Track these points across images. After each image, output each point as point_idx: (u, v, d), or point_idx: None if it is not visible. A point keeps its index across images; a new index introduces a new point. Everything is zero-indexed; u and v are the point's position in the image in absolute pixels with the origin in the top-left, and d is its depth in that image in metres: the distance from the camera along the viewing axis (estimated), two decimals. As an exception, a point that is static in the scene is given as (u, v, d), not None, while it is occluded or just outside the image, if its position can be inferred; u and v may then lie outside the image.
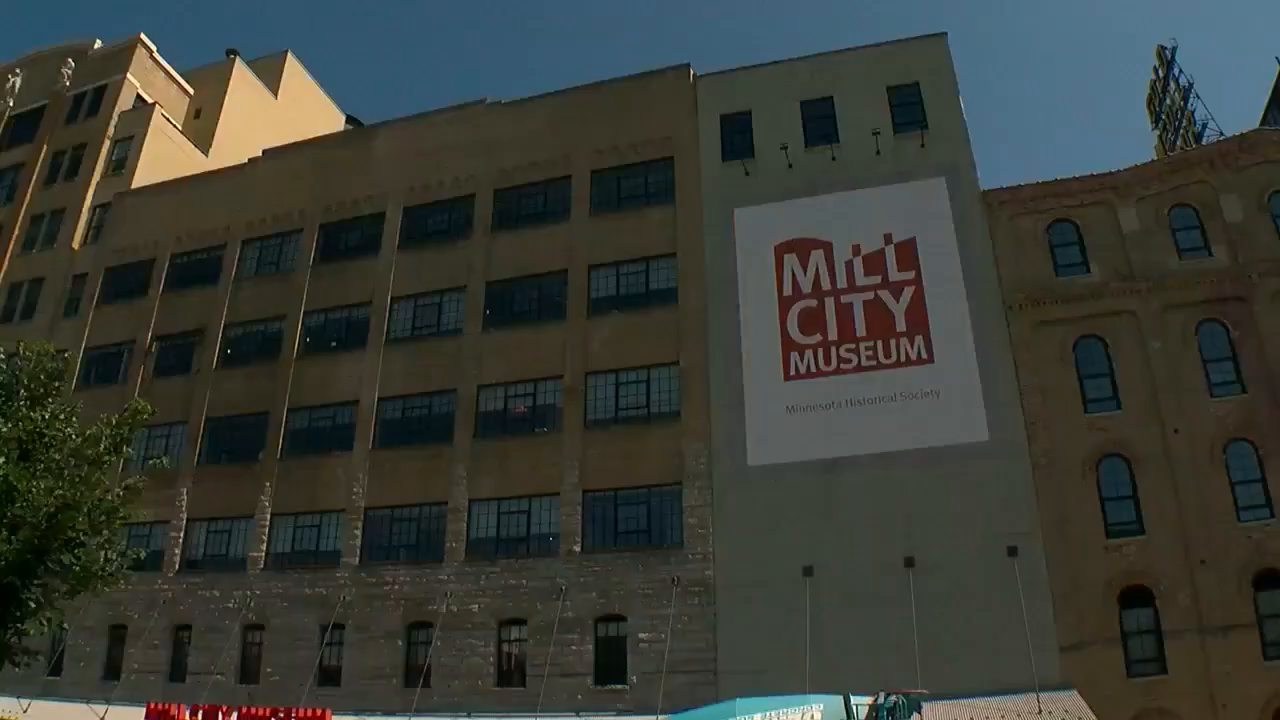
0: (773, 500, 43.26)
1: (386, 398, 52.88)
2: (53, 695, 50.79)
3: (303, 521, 52.48)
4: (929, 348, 43.99)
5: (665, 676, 41.25)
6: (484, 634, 46.08)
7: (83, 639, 53.54)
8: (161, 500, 51.92)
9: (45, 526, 13.52)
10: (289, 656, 49.15)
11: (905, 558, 40.14)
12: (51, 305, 66.27)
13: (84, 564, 14.24)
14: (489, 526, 48.22)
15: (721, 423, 45.42)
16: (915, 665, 36.75)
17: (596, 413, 48.19)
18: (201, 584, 53.31)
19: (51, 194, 71.49)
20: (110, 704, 48.44)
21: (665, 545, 44.66)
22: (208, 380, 58.12)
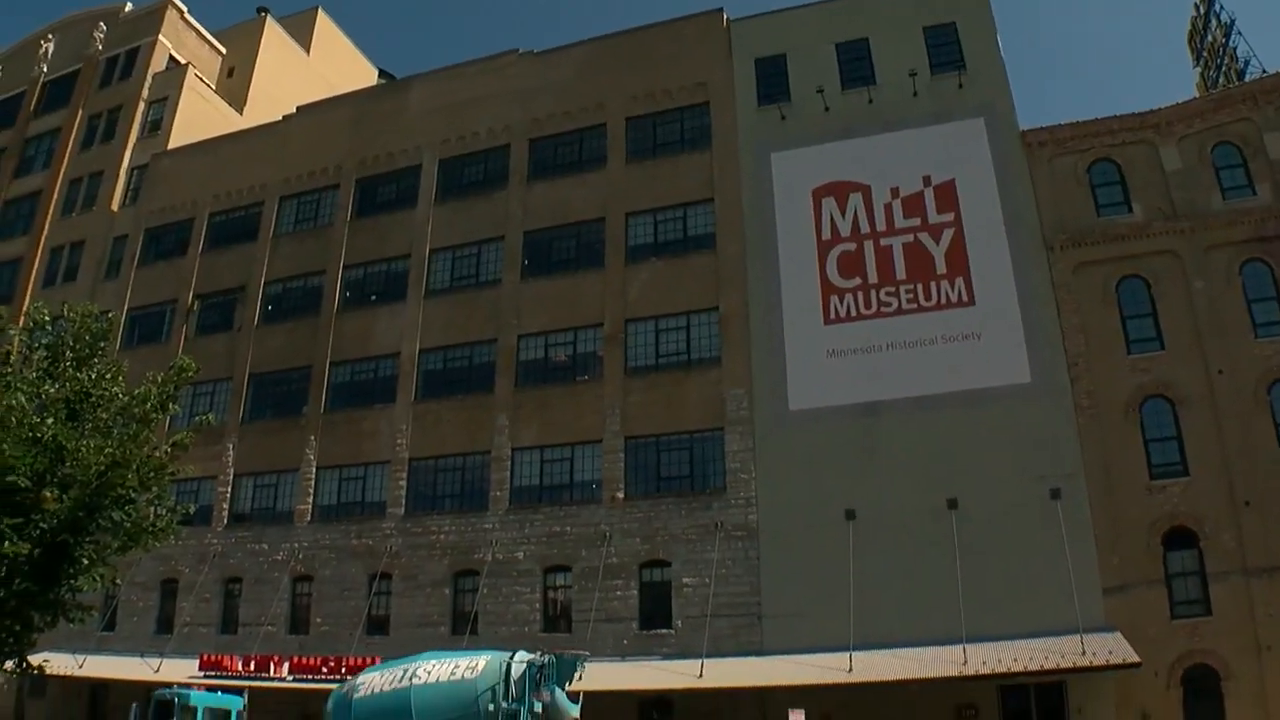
0: (814, 444, 43.28)
1: (427, 349, 53.17)
2: (108, 650, 51.76)
3: (348, 474, 52.98)
4: (970, 290, 43.72)
5: (709, 621, 41.51)
6: (529, 581, 46.50)
7: (135, 594, 54.36)
8: (208, 456, 52.55)
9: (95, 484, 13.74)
10: (337, 607, 49.81)
11: (947, 500, 40.03)
12: (93, 268, 66.81)
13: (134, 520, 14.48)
14: (532, 474, 48.55)
15: (762, 367, 45.43)
16: (958, 608, 36.87)
17: (637, 359, 48.31)
18: (250, 537, 53.98)
19: (88, 158, 71.95)
20: (164, 657, 49.38)
21: (708, 490, 44.82)
22: (249, 337, 58.55)
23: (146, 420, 14.53)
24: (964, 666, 35.56)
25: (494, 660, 27.99)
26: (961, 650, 35.97)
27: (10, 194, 74.90)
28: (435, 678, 27.79)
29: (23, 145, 76.42)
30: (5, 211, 74.56)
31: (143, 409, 14.51)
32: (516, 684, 26.99)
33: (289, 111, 64.94)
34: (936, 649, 36.58)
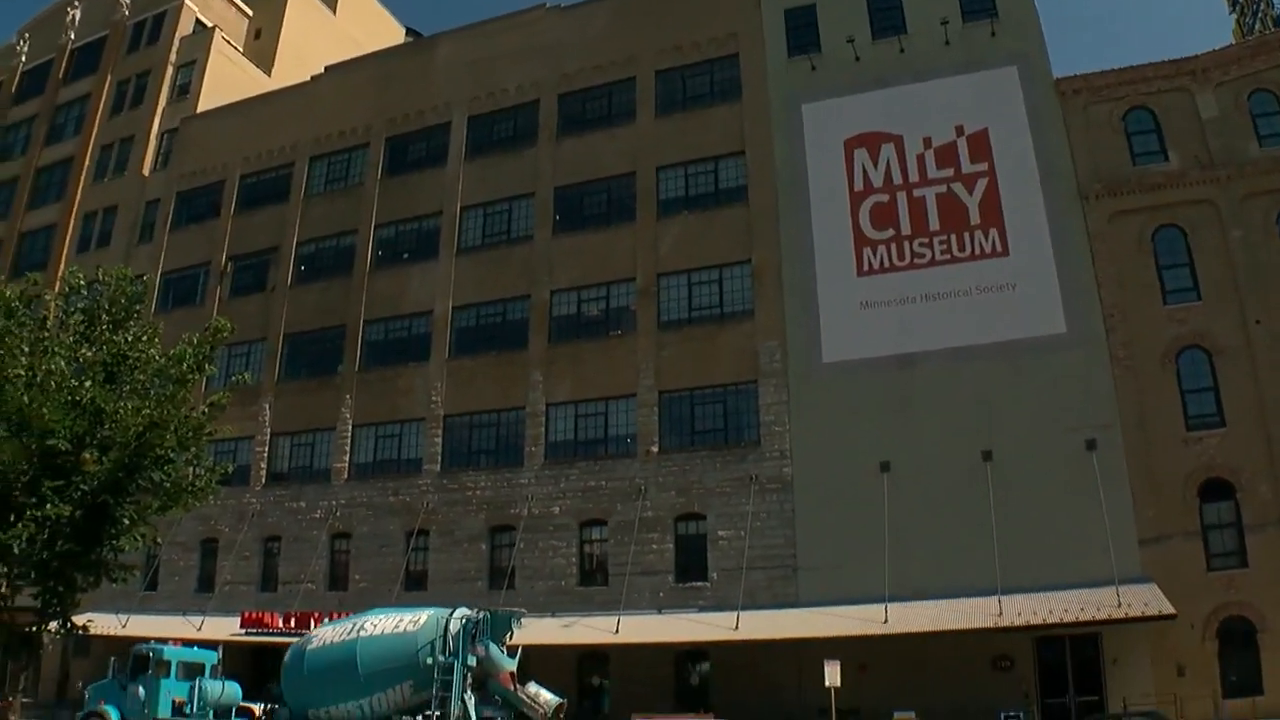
0: (848, 396, 43.17)
1: (460, 306, 53.29)
2: (150, 609, 52.45)
3: (384, 431, 53.33)
4: (1004, 240, 43.30)
5: (745, 573, 41.64)
6: (565, 535, 46.79)
7: (176, 554, 55.06)
8: (245, 416, 53.03)
9: (134, 445, 13.89)
10: (376, 563, 50.33)
11: (983, 452, 39.83)
12: (126, 232, 67.22)
13: (174, 480, 14.61)
14: (567, 429, 48.72)
15: (795, 320, 45.27)
16: (993, 559, 36.81)
17: (670, 313, 48.24)
18: (288, 496, 54.51)
19: (118, 123, 72.21)
20: (205, 615, 50.02)
21: (742, 443, 44.87)
22: (283, 297, 58.84)
23: (183, 381, 14.68)
24: (999, 618, 35.61)
25: (434, 616, 29.08)
26: (997, 602, 35.99)
27: (42, 161, 75.31)
28: (380, 631, 29.18)
29: (53, 112, 76.73)
30: (38, 179, 75.03)
31: (179, 370, 14.62)
32: (454, 638, 28.07)
33: (317, 72, 64.87)
34: (972, 600, 36.62)
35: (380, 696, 28.38)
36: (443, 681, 27.74)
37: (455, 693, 27.37)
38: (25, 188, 74.97)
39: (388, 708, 28.41)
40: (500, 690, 28.41)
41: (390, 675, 28.28)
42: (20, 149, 77.86)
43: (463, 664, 27.79)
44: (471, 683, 28.19)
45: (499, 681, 28.31)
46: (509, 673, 28.58)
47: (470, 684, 28.13)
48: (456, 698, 27.29)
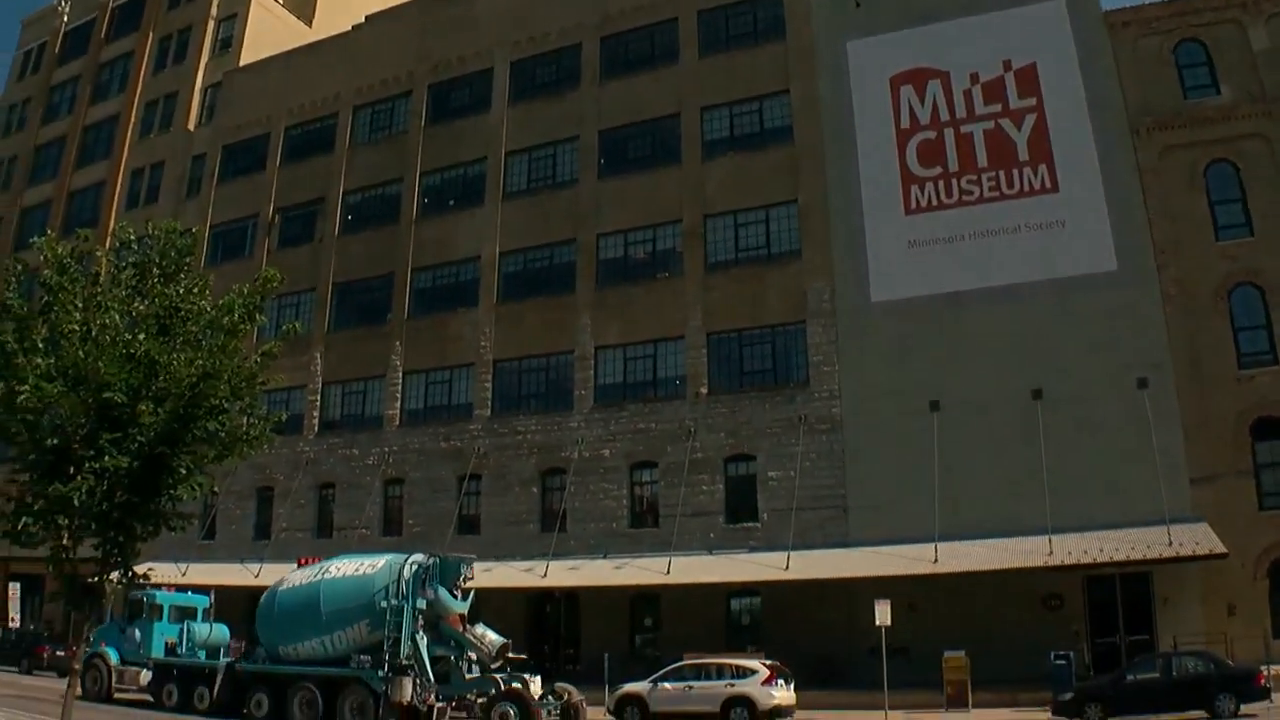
0: (897, 336, 42.95)
1: (507, 251, 53.39)
2: (208, 558, 53.38)
3: (434, 378, 53.75)
4: (1053, 176, 42.65)
5: (795, 513, 41.73)
6: (616, 477, 47.08)
7: (233, 502, 55.93)
8: (296, 366, 53.49)
9: (189, 396, 14.05)
10: (429, 508, 50.89)
11: (1033, 390, 39.47)
12: (174, 187, 67.74)
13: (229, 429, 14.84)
14: (616, 372, 48.89)
15: (843, 259, 45.00)
16: (1043, 498, 36.58)
17: (717, 254, 48.11)
18: (341, 443, 55.14)
19: (162, 79, 72.57)
20: (263, 562, 50.85)
21: (791, 384, 44.85)
22: (331, 247, 59.17)
23: (235, 331, 14.82)
24: (1049, 557, 35.58)
25: (391, 561, 30.75)
26: (1047, 541, 35.90)
27: (89, 120, 75.92)
28: (342, 574, 31.10)
29: (97, 71, 77.23)
30: (85, 138, 75.66)
31: (230, 320, 14.78)
32: (407, 583, 29.55)
33: (358, 21, 64.68)
34: (1022, 539, 36.56)
35: (340, 634, 30.06)
36: (394, 622, 29.24)
37: (405, 633, 28.87)
38: (73, 147, 75.65)
39: (347, 645, 30.02)
40: (450, 631, 29.84)
41: (348, 615, 29.90)
42: (66, 109, 78.49)
43: (413, 607, 29.25)
44: (424, 624, 29.55)
45: (449, 623, 29.75)
46: (458, 615, 29.97)
47: (422, 625, 29.50)
48: (407, 638, 28.80)
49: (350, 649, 30.00)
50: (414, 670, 28.46)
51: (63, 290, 13.96)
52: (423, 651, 29.03)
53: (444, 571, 30.46)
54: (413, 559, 30.68)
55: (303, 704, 29.99)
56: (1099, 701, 29.50)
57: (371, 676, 28.99)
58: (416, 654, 28.85)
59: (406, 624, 29.00)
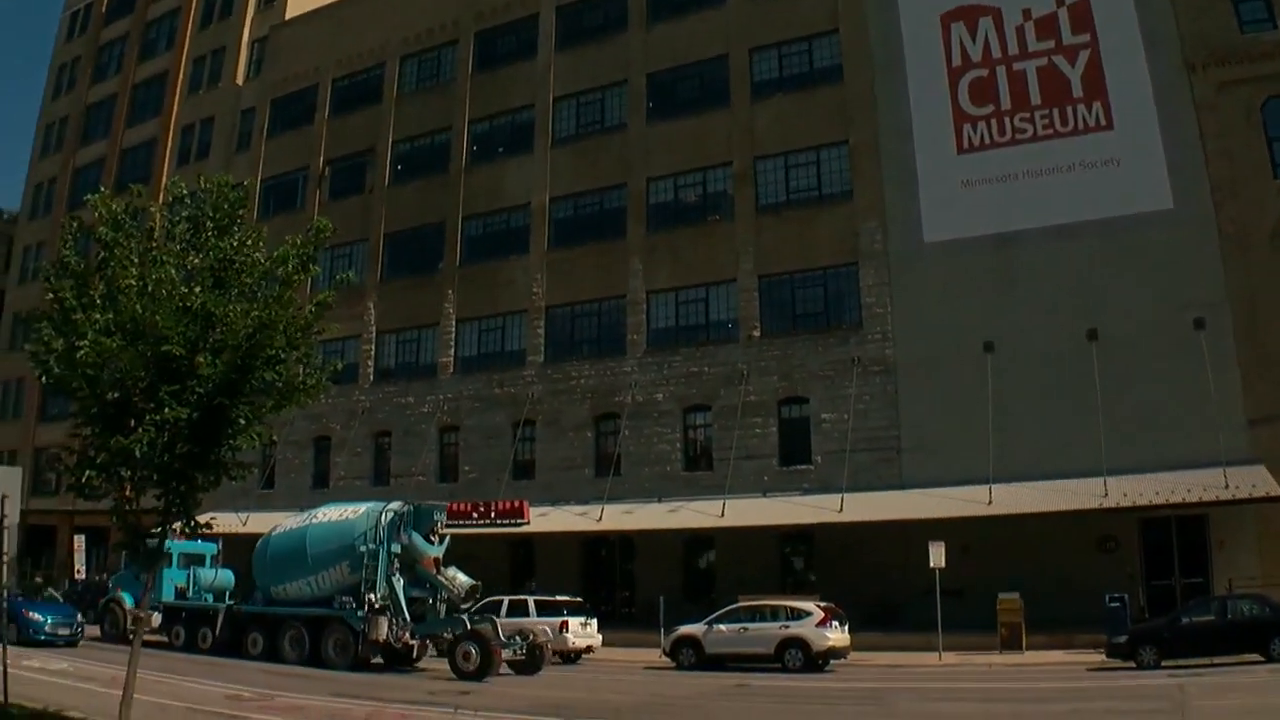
0: (951, 276, 42.53)
1: (557, 198, 53.37)
2: (268, 507, 54.07)
3: (487, 325, 54.06)
4: (1108, 113, 41.81)
5: (848, 455, 41.74)
6: (669, 421, 47.25)
7: (291, 452, 56.71)
8: (350, 316, 53.82)
9: (246, 347, 14.22)
10: (484, 454, 51.36)
11: (1088, 331, 39.06)
12: (224, 142, 68.21)
13: (286, 379, 15.03)
14: (668, 316, 48.90)
15: (895, 200, 44.55)
16: (1098, 440, 36.24)
17: (767, 197, 47.83)
18: (396, 392, 55.68)
19: (209, 35, 72.87)
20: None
21: (844, 326, 44.68)
22: (382, 197, 59.43)
23: (289, 282, 14.98)
24: (1104, 499, 35.35)
25: (371, 508, 32.88)
26: (1102, 483, 35.64)
27: (138, 78, 76.48)
28: (327, 519, 33.58)
29: (144, 29, 77.64)
30: (135, 96, 76.26)
31: (285, 271, 14.94)
32: (384, 529, 31.64)
33: (402, -29, 64.44)
34: (1077, 481, 36.28)
35: (324, 575, 32.29)
36: (372, 565, 31.38)
37: (381, 575, 30.95)
38: (123, 105, 76.30)
39: (331, 586, 32.18)
40: (424, 573, 31.75)
41: (331, 557, 32.16)
42: (115, 68, 79.10)
43: (388, 551, 31.31)
44: (399, 567, 31.53)
45: (423, 566, 31.66)
46: (431, 558, 31.80)
47: (399, 568, 31.49)
48: (383, 579, 30.88)
49: (334, 590, 32.08)
50: (390, 610, 30.72)
51: (118, 246, 14.14)
52: (399, 593, 31.05)
53: (418, 518, 32.30)
54: (389, 506, 32.69)
55: (292, 642, 32.22)
56: (1154, 644, 29.38)
57: (352, 616, 30.98)
58: (393, 595, 30.95)
59: (382, 566, 31.04)
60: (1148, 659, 28.96)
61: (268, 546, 34.65)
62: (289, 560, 32.89)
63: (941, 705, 23.22)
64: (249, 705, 21.39)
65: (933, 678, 30.05)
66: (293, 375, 15.38)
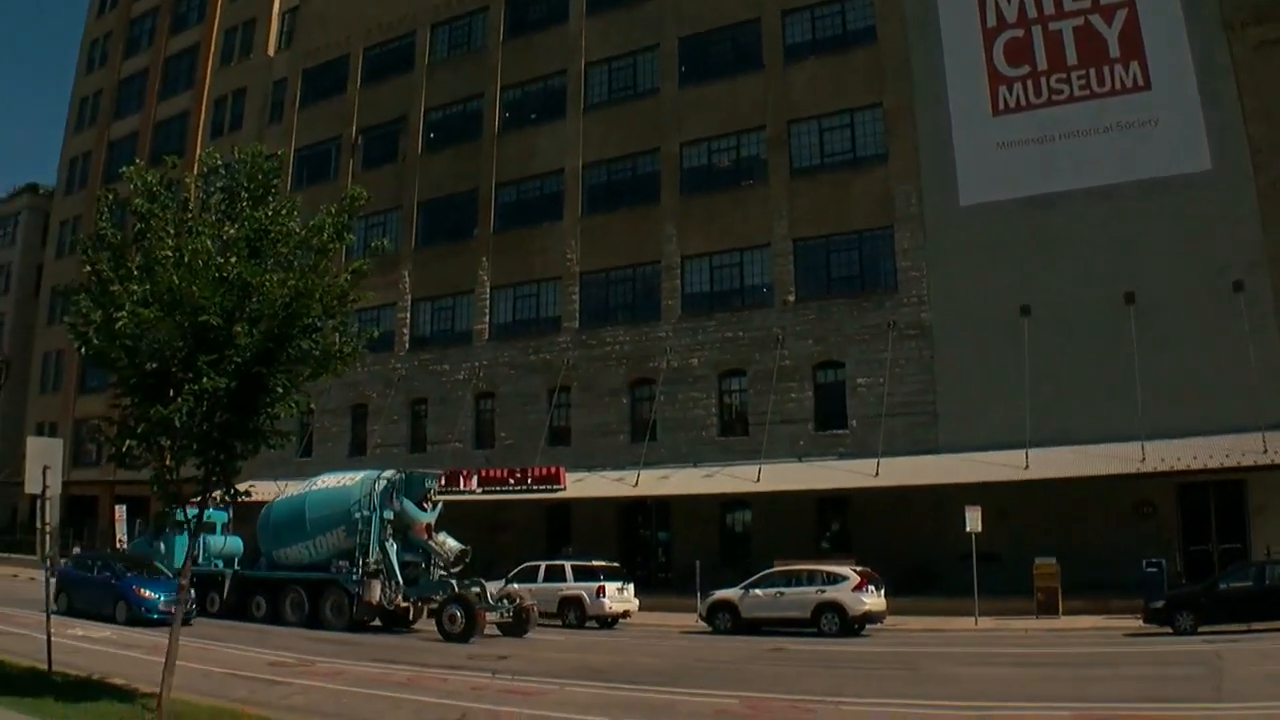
0: (987, 239, 42.18)
1: (590, 163, 53.28)
2: (306, 474, 54.33)
3: (521, 292, 54.18)
4: (1145, 74, 41.15)
5: (884, 420, 41.67)
6: (705, 386, 47.28)
7: (328, 420, 57.15)
8: (386, 285, 54.17)
9: (282, 316, 14.30)
10: (520, 420, 51.62)
11: (1125, 294, 38.58)
12: (256, 113, 68.37)
13: (323, 347, 15.13)
14: (703, 281, 48.82)
15: (930, 162, 44.19)
16: (1136, 404, 35.84)
17: (801, 160, 47.54)
18: (432, 359, 55.95)
19: (239, 7, 72.97)
20: (360, 477, 51.97)
21: (879, 289, 44.49)
22: (415, 165, 59.51)
23: (325, 251, 15.06)
24: (1141, 464, 35.07)
25: (367, 476, 34.29)
26: (1140, 447, 35.31)
27: (169, 51, 76.79)
28: (325, 486, 35.02)
29: (174, 2, 77.89)
30: (167, 69, 76.61)
31: (320, 240, 15.02)
32: (377, 496, 32.89)
33: (432, -62, 64.23)
34: (1114, 446, 35.94)
35: (321, 539, 33.64)
36: (365, 531, 32.69)
37: (374, 540, 32.27)
38: (155, 79, 76.71)
39: (328, 551, 33.50)
40: (415, 539, 33.03)
41: (327, 522, 33.48)
42: (147, 41, 79.45)
43: (380, 517, 32.55)
44: (392, 533, 32.77)
45: (415, 532, 32.96)
46: (423, 524, 33.08)
47: (391, 533, 32.72)
48: (375, 544, 32.20)
49: (331, 555, 33.42)
50: (384, 574, 31.98)
51: (154, 217, 14.24)
52: (392, 557, 32.36)
53: (410, 486, 33.62)
54: (383, 474, 33.96)
55: (293, 605, 33.54)
56: (1191, 609, 29.19)
57: (347, 580, 32.16)
58: (386, 559, 32.22)
59: (375, 532, 32.35)
60: (1185, 625, 28.81)
61: (270, 513, 36.11)
62: (289, 526, 34.37)
63: (978, 670, 23.22)
64: (291, 670, 21.66)
65: (969, 642, 30.05)
66: (329, 343, 15.48)
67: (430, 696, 18.54)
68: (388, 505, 32.66)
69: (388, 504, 32.74)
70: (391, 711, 16.58)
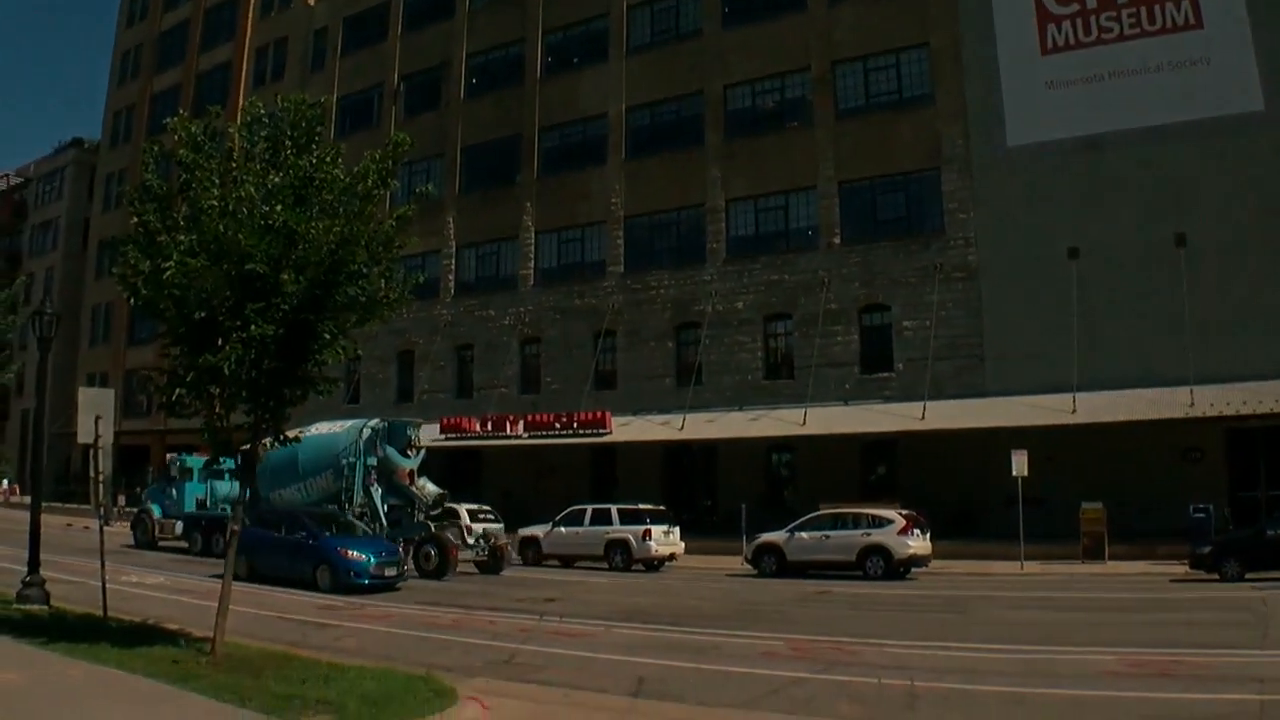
0: (1035, 181, 41.67)
1: (633, 107, 53.00)
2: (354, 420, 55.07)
3: (566, 236, 54.23)
4: (1197, 10, 40.16)
5: (931, 363, 41.49)
6: (750, 330, 47.24)
7: (375, 367, 57.63)
8: (430, 231, 54.17)
9: (329, 263, 14.34)
10: (565, 365, 51.86)
11: (1175, 235, 38.01)
12: (298, 62, 68.37)
13: (369, 294, 15.18)
14: (748, 224, 48.65)
15: (977, 103, 43.56)
16: (1186, 348, 35.47)
17: (847, 101, 47.06)
18: (477, 305, 56.17)
19: (279, -44, 72.72)
20: (408, 423, 52.46)
21: (926, 232, 44.13)
22: (457, 112, 59.43)
23: (369, 197, 15.09)
24: (1190, 409, 34.71)
25: (355, 425, 35.75)
26: (1189, 392, 34.95)
27: (210, 3, 76.81)
28: (317, 433, 35.30)
29: (213, -48, 77.67)
30: (208, 20, 76.67)
31: (364, 186, 15.05)
32: (362, 444, 34.34)
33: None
34: (1163, 390, 35.59)
35: (311, 483, 35.20)
36: (350, 476, 34.29)
37: (358, 484, 33.92)
38: (196, 31, 76.87)
39: (317, 493, 34.99)
40: (398, 484, 34.46)
41: (317, 467, 34.87)
42: (187, -9, 79.38)
43: (365, 463, 34.11)
44: (377, 477, 34.22)
45: (398, 477, 34.38)
46: (405, 470, 34.51)
47: (376, 479, 34.18)
48: (360, 488, 33.87)
49: (320, 497, 34.86)
50: (368, 516, 33.64)
51: (199, 167, 14.30)
52: (376, 501, 34.00)
53: (393, 434, 34.97)
54: (369, 424, 35.42)
55: None
56: (1237, 556, 28.90)
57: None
58: (370, 503, 33.94)
59: (359, 477, 34.01)
60: (1231, 571, 28.55)
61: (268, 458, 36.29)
62: (284, 470, 35.14)
63: (1022, 613, 23.25)
64: (340, 614, 22.03)
65: (1014, 586, 30.03)
66: (375, 289, 15.54)
67: (479, 639, 18.81)
68: (372, 452, 34.08)
69: (372, 451, 34.13)
70: (441, 653, 16.79)
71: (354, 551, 27.70)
